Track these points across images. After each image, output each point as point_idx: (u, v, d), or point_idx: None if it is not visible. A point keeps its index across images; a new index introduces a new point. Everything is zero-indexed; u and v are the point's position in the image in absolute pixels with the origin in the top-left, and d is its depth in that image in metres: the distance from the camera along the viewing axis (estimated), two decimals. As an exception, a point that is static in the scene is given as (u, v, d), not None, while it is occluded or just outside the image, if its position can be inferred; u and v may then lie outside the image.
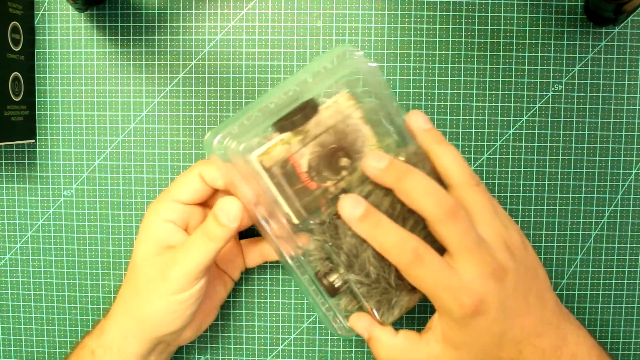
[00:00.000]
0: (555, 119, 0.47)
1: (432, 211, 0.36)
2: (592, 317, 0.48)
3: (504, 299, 0.36)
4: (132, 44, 0.48)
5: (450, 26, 0.47)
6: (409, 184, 0.36)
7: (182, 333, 0.43)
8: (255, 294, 0.49)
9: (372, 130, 0.41)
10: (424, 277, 0.36)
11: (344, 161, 0.40)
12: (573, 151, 0.47)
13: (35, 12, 0.48)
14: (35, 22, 0.48)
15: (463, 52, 0.47)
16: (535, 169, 0.47)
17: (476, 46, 0.47)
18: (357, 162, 0.40)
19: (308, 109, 0.40)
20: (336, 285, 0.41)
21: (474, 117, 0.47)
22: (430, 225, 0.37)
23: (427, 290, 0.36)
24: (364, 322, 0.40)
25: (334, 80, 0.40)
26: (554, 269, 0.48)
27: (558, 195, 0.47)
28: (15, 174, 0.49)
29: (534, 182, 0.47)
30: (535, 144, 0.47)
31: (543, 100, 0.47)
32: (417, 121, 0.40)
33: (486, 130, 0.47)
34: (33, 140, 0.48)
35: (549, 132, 0.47)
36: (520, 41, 0.47)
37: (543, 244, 0.48)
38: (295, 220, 0.41)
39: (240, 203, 0.39)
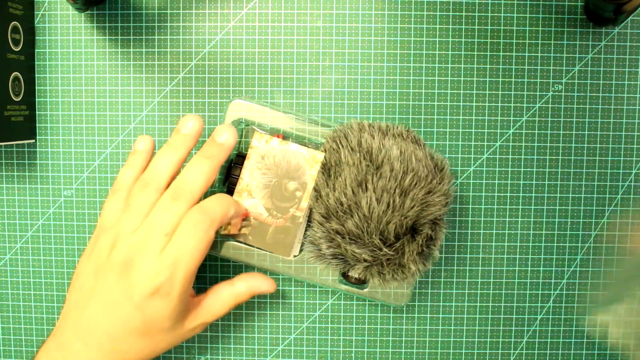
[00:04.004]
0: (555, 119, 0.47)
1: None
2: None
3: None
4: (132, 44, 0.48)
5: (450, 26, 0.47)
6: None
7: None
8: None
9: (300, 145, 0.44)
10: None
11: (292, 185, 0.43)
12: (573, 151, 0.47)
13: (35, 12, 0.48)
14: (35, 22, 0.48)
15: (463, 52, 0.47)
16: (535, 169, 0.47)
17: (476, 46, 0.47)
18: (302, 179, 0.43)
19: (238, 161, 0.45)
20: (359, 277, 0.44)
21: (474, 117, 0.47)
22: None
23: None
24: None
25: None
26: (554, 269, 0.48)
27: (558, 195, 0.47)
28: (15, 174, 0.49)
29: (534, 182, 0.47)
30: (535, 144, 0.47)
31: (543, 100, 0.47)
32: None
33: (486, 130, 0.47)
34: (33, 140, 0.48)
35: (549, 132, 0.47)
36: (520, 41, 0.47)
37: (543, 244, 0.48)
38: (290, 257, 0.45)
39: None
